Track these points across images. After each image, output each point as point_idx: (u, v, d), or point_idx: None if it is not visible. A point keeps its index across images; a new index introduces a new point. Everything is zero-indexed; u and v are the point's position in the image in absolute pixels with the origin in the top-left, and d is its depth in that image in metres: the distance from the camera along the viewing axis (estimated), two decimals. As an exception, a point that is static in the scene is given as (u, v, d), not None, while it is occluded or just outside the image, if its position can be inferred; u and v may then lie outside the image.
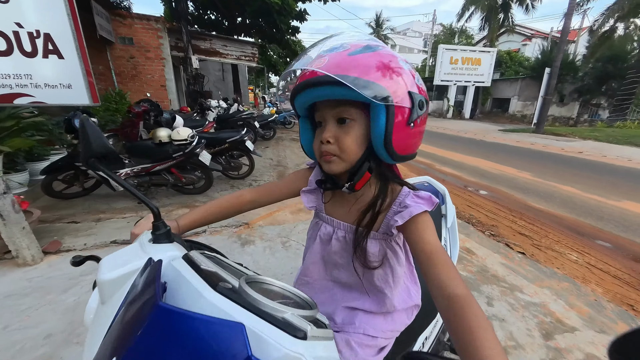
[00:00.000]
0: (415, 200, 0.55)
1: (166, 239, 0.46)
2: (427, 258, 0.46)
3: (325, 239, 0.67)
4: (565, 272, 2.17)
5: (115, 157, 0.46)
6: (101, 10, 6.40)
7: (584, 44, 17.68)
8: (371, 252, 0.61)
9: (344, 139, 0.53)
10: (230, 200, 0.69)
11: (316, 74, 0.48)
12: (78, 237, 2.32)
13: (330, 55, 0.48)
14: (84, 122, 0.41)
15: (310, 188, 0.68)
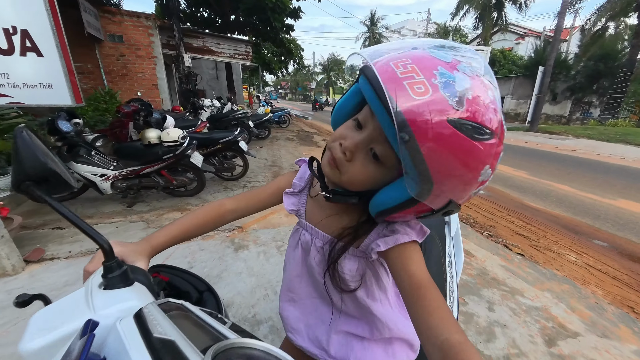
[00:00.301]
0: (405, 227, 0.48)
1: (122, 282, 0.37)
2: (412, 293, 0.39)
3: (305, 247, 0.61)
4: (564, 274, 2.14)
5: (58, 179, 0.37)
6: (89, 7, 6.21)
7: (576, 43, 17.86)
8: (347, 269, 0.54)
9: (359, 170, 0.44)
10: (209, 211, 0.61)
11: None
12: (62, 245, 2.21)
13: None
14: (15, 135, 0.33)
15: (293, 190, 0.62)
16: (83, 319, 0.30)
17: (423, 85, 0.33)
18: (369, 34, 32.23)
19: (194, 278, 0.55)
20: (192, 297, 0.51)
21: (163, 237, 0.54)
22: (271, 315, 1.60)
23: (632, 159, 6.39)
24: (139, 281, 0.40)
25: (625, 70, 12.67)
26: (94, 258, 0.47)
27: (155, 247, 0.52)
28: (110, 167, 2.81)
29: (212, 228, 0.61)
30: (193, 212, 0.60)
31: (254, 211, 0.65)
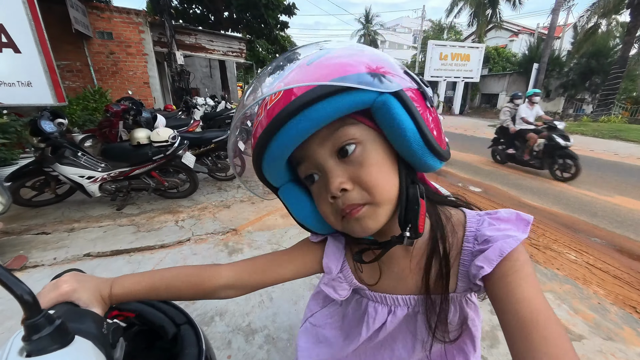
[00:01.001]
0: (499, 226, 0.37)
1: (54, 343, 0.28)
2: (523, 330, 0.28)
3: (376, 325, 0.47)
4: (565, 273, 2.10)
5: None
6: (76, 3, 6.03)
7: (569, 40, 18.02)
8: (450, 321, 0.43)
9: (363, 173, 0.34)
10: (197, 278, 0.44)
11: (276, 109, 0.32)
12: (47, 251, 2.11)
13: (284, 79, 0.33)
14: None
15: (330, 277, 0.47)
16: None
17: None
18: (364, 31, 32.13)
19: (170, 308, 0.46)
20: (167, 333, 0.43)
21: (127, 288, 0.41)
22: (266, 323, 1.53)
23: (625, 155, 6.44)
24: (83, 334, 0.30)
25: (618, 67, 12.79)
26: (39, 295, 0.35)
27: (113, 297, 0.40)
28: (98, 168, 2.70)
29: (194, 299, 0.49)
30: (179, 270, 0.45)
31: (263, 287, 0.48)
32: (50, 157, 2.47)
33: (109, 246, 2.20)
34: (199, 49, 9.25)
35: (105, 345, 0.31)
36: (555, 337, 0.27)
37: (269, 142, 0.34)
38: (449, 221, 0.40)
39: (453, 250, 0.39)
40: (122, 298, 0.41)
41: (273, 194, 0.45)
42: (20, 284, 0.28)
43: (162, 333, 0.43)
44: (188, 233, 2.47)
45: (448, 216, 0.41)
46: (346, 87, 0.29)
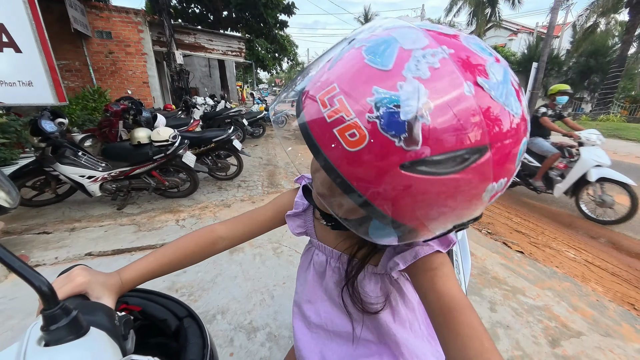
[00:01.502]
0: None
1: (70, 333, 0.29)
2: (442, 315, 0.33)
3: (319, 269, 0.55)
4: (564, 271, 2.12)
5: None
6: (75, 2, 6.01)
7: (568, 39, 18.04)
8: (369, 289, 0.48)
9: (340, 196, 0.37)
10: (196, 240, 0.52)
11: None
12: (48, 250, 2.12)
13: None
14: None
15: (297, 211, 0.56)
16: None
17: (356, 128, 0.25)
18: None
19: (172, 302, 0.47)
20: (170, 326, 0.44)
21: (137, 270, 0.44)
22: (268, 321, 1.54)
23: (624, 153, 6.45)
24: (97, 325, 0.31)
25: (616, 66, 12.81)
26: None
27: (126, 283, 0.43)
28: (99, 168, 2.70)
29: (200, 259, 0.53)
30: (177, 240, 0.52)
31: (251, 237, 0.58)
32: (51, 156, 2.47)
33: (110, 245, 2.20)
34: (198, 49, 9.24)
35: (118, 337, 0.32)
36: (469, 321, 0.31)
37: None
38: None
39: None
40: (136, 282, 0.44)
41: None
42: (38, 276, 0.29)
43: (164, 327, 0.44)
44: (189, 232, 2.47)
45: None
46: None
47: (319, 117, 0.27)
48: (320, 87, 0.28)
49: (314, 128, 0.28)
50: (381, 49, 0.27)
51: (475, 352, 0.28)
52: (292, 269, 2.01)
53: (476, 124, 0.25)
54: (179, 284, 1.75)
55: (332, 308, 0.56)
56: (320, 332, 0.57)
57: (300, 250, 2.21)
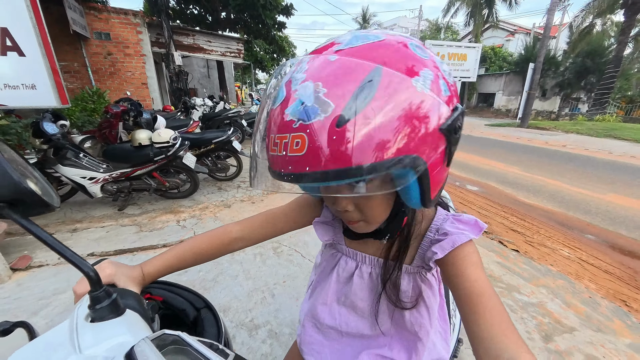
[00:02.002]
0: (457, 226, 0.45)
1: (112, 313, 0.34)
2: (471, 303, 0.36)
3: (345, 276, 0.56)
4: (559, 269, 2.16)
5: (35, 199, 0.33)
6: (74, 4, 6.03)
7: (565, 40, 18.16)
8: (403, 289, 0.51)
9: (366, 206, 0.41)
10: (212, 239, 0.55)
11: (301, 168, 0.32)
12: (51, 251, 2.13)
13: (309, 128, 0.30)
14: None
15: (326, 219, 0.56)
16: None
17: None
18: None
19: (190, 294, 0.52)
20: (189, 316, 0.48)
21: (157, 265, 0.49)
22: (269, 319, 1.58)
23: (619, 153, 6.53)
24: (131, 308, 0.36)
25: (612, 66, 12.93)
26: (83, 279, 0.41)
27: (147, 276, 0.48)
28: (100, 169, 2.73)
29: (214, 257, 0.56)
30: (194, 238, 0.55)
31: (267, 238, 0.58)
32: (52, 158, 2.50)
33: (113, 246, 2.23)
34: (197, 50, 9.26)
35: (147, 319, 0.36)
36: (494, 307, 0.34)
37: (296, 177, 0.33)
38: (420, 214, 0.49)
39: (415, 235, 0.49)
40: (156, 275, 0.48)
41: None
42: (86, 262, 0.35)
43: (183, 316, 0.48)
44: (190, 232, 2.50)
45: (421, 209, 0.49)
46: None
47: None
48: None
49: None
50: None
51: (500, 332, 0.32)
52: (293, 267, 2.04)
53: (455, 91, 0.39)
54: (181, 283, 1.78)
55: (348, 311, 0.57)
56: (332, 332, 0.59)
57: (300, 250, 2.25)
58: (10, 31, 1.65)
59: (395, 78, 0.31)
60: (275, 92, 0.36)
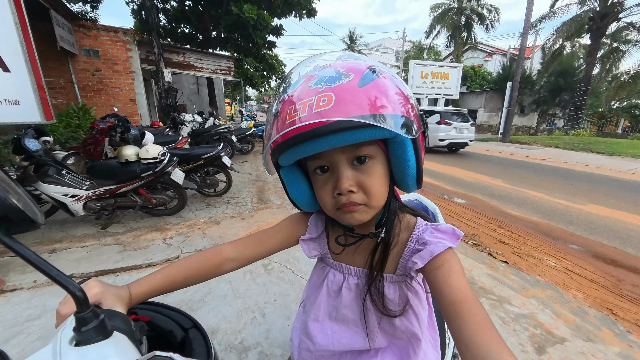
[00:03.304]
0: (436, 235, 0.47)
1: (99, 335, 0.32)
2: (454, 309, 0.37)
3: (333, 288, 0.58)
4: (547, 279, 2.20)
5: (20, 216, 0.32)
6: (62, 21, 6.03)
7: (539, 60, 19.39)
8: (390, 298, 0.52)
9: (369, 182, 0.44)
10: (204, 260, 0.53)
11: (323, 114, 0.37)
12: (26, 273, 2.01)
13: (335, 89, 0.38)
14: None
15: (311, 236, 0.58)
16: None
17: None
18: (349, 51, 33.44)
19: (177, 314, 0.49)
20: (176, 337, 0.46)
21: (146, 286, 0.47)
22: (259, 340, 1.52)
23: (595, 165, 6.87)
24: (118, 329, 0.34)
25: (582, 85, 13.84)
26: (68, 299, 0.39)
27: (135, 297, 0.46)
28: (83, 186, 2.64)
29: (206, 279, 0.54)
30: (184, 259, 0.54)
31: (259, 259, 0.58)
32: (33, 175, 2.40)
33: (94, 266, 2.13)
34: (187, 67, 9.34)
35: (135, 341, 0.34)
36: (477, 313, 0.36)
37: (307, 140, 0.39)
38: (400, 223, 0.52)
39: (398, 245, 0.50)
40: (143, 297, 0.46)
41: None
42: (72, 282, 0.33)
43: (170, 337, 0.46)
44: (177, 250, 2.42)
45: (401, 219, 0.52)
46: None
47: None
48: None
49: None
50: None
51: (484, 337, 0.33)
52: (284, 285, 1.99)
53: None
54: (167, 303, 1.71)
55: (340, 327, 0.58)
56: (325, 353, 0.59)
57: (291, 267, 2.21)
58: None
59: (390, 72, 0.44)
60: (288, 83, 0.44)
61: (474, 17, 19.48)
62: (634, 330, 1.70)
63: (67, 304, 0.40)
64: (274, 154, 0.44)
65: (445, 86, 18.58)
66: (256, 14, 9.06)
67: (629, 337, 1.64)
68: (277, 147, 0.42)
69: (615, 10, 12.67)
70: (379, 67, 0.43)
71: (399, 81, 0.44)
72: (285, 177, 0.51)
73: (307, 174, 0.50)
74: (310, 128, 0.37)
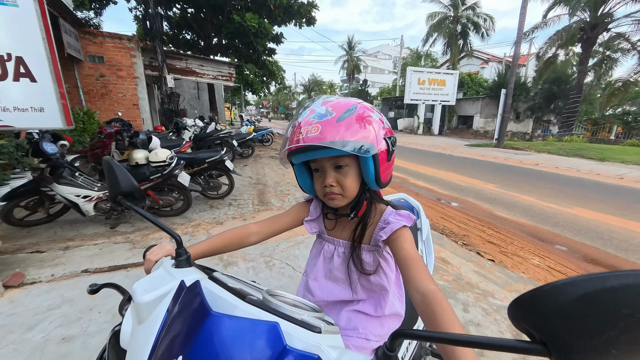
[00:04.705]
0: (396, 217, 0.67)
1: (187, 264, 0.51)
2: (405, 263, 0.58)
3: (327, 256, 0.78)
4: (529, 276, 2.36)
5: (140, 193, 0.50)
6: (69, 29, 6.23)
7: (533, 68, 19.81)
8: (366, 261, 0.72)
9: (344, 181, 0.65)
10: (237, 233, 0.74)
11: (313, 139, 0.58)
12: (44, 268, 2.16)
13: (322, 123, 0.59)
14: (110, 163, 0.46)
15: (312, 217, 0.79)
16: (174, 283, 0.43)
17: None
18: (347, 57, 33.90)
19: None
20: None
21: (198, 250, 0.67)
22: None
23: (586, 171, 7.08)
24: (194, 266, 0.52)
25: (575, 92, 14.18)
26: (153, 250, 0.60)
27: (193, 255, 0.65)
28: (94, 188, 2.79)
29: (237, 247, 0.75)
30: (223, 232, 0.75)
31: (275, 234, 0.79)
32: (49, 177, 2.55)
33: (106, 262, 2.27)
34: (190, 73, 9.56)
35: (204, 272, 0.52)
36: (418, 265, 0.56)
37: (303, 152, 0.63)
38: (374, 210, 0.73)
39: (371, 225, 0.72)
40: (199, 256, 0.66)
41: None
42: (173, 231, 0.53)
43: None
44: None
45: (375, 207, 0.73)
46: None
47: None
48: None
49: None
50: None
51: (419, 277, 0.53)
52: (284, 279, 2.14)
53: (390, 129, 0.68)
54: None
55: (331, 283, 0.78)
56: (320, 303, 0.79)
57: (291, 263, 2.37)
58: (25, 60, 1.80)
59: (366, 109, 0.64)
60: (302, 110, 0.67)
61: (469, 26, 19.92)
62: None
63: (153, 253, 0.59)
64: (289, 157, 0.68)
65: (442, 93, 18.96)
66: (257, 22, 9.31)
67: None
68: (288, 153, 0.67)
69: (605, 20, 13.06)
70: (359, 106, 0.63)
71: (371, 115, 0.63)
72: (297, 171, 0.74)
73: (310, 171, 0.73)
74: (304, 145, 0.60)
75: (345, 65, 34.34)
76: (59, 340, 1.52)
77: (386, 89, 32.43)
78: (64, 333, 1.57)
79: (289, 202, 4.08)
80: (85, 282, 2.02)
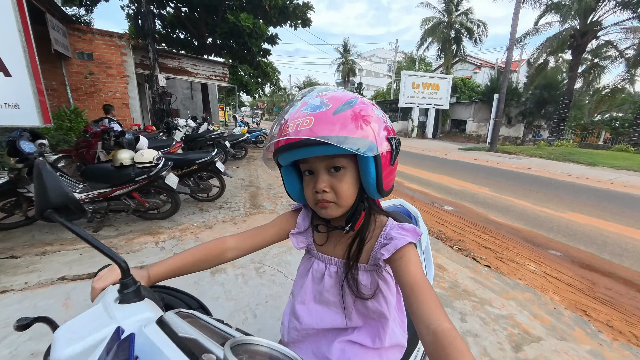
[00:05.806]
0: (400, 232, 0.56)
1: (136, 297, 0.41)
2: (412, 290, 0.47)
3: (317, 275, 0.67)
4: (526, 283, 2.32)
5: (78, 206, 0.40)
6: (57, 25, 6.04)
7: (524, 74, 20.15)
8: (363, 283, 0.61)
9: (339, 186, 0.54)
10: (210, 248, 0.63)
11: (305, 133, 0.48)
12: (17, 275, 2.02)
13: (315, 115, 0.49)
14: (40, 168, 0.37)
15: (299, 230, 0.68)
16: (109, 328, 0.33)
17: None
18: (342, 60, 34.00)
19: (185, 296, 0.57)
20: None
21: (161, 270, 0.56)
22: (251, 339, 1.56)
23: (577, 175, 7.16)
24: (148, 296, 0.43)
25: (565, 98, 14.45)
26: (101, 275, 0.50)
27: (153, 278, 0.55)
28: (76, 189, 2.65)
29: (211, 266, 0.63)
30: (194, 247, 0.63)
31: (256, 249, 0.68)
32: (27, 177, 2.41)
33: (86, 269, 2.14)
34: (182, 72, 9.40)
35: (160, 307, 0.42)
36: (427, 294, 0.45)
37: (291, 149, 0.51)
38: (373, 223, 0.61)
39: (370, 240, 0.60)
40: (159, 278, 0.56)
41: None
42: (118, 255, 0.42)
43: None
44: (169, 254, 2.45)
45: (375, 219, 0.62)
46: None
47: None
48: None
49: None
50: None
51: (429, 309, 0.43)
52: (275, 287, 2.05)
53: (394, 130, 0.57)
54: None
55: (322, 308, 0.66)
56: (310, 331, 0.67)
57: (282, 270, 2.27)
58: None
59: (367, 104, 0.53)
60: (292, 103, 0.56)
61: (463, 31, 20.20)
62: (605, 330, 1.82)
63: (100, 279, 0.49)
64: (275, 155, 0.57)
65: (436, 97, 19.13)
66: (252, 23, 9.22)
67: (599, 336, 1.76)
68: (275, 151, 0.55)
69: (595, 28, 13.37)
70: (359, 99, 0.53)
71: (373, 111, 0.53)
72: (284, 174, 0.62)
73: (300, 174, 0.62)
74: (292, 141, 0.50)
75: (341, 68, 34.44)
76: (27, 356, 1.39)
77: (381, 92, 32.59)
78: (34, 348, 1.44)
79: (282, 205, 3.99)
80: (62, 291, 1.90)
